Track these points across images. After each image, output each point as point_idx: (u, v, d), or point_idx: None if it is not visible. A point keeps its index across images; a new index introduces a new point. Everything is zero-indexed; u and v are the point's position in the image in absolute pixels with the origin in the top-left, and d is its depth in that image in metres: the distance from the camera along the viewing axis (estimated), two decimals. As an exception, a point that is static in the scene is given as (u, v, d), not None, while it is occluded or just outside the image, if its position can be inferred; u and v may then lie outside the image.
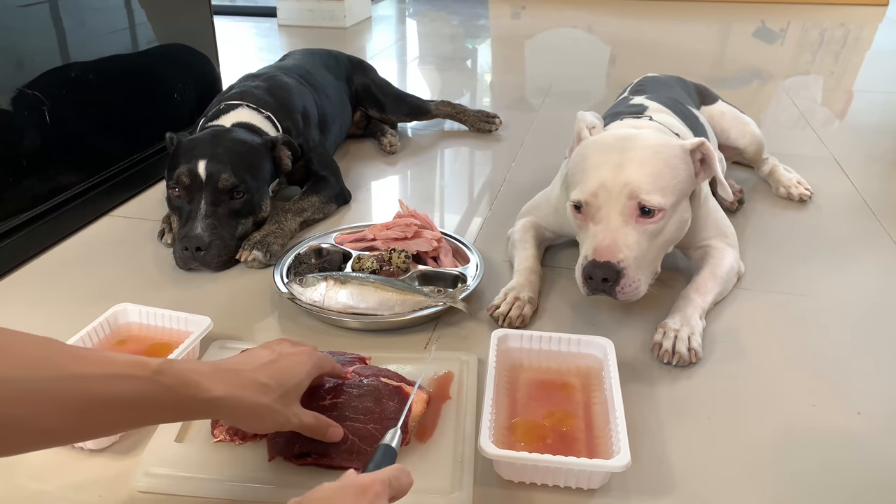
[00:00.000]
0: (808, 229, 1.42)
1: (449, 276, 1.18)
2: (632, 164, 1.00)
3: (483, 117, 2.00)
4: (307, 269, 1.19)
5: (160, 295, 1.18)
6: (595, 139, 1.09)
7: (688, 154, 1.04)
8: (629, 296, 0.99)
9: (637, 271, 0.99)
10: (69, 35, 1.38)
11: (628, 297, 1.00)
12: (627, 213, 1.00)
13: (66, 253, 1.34)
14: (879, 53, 3.12)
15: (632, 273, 0.98)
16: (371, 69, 2.00)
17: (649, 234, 1.01)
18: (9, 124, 1.26)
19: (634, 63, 2.89)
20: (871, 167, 1.75)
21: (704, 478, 0.82)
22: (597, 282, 0.99)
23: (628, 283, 0.98)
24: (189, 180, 1.26)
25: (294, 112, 1.54)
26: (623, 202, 0.99)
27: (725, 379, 0.98)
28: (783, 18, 3.86)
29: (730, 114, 1.56)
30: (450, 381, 0.94)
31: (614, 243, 0.98)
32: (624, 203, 0.99)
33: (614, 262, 0.97)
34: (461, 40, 3.40)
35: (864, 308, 1.15)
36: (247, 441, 0.83)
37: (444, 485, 0.78)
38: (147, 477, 0.79)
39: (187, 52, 1.80)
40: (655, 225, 1.00)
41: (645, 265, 1.01)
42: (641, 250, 1.00)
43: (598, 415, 0.86)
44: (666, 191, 1.00)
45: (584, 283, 1.01)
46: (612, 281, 0.98)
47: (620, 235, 0.99)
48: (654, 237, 1.01)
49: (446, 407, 0.90)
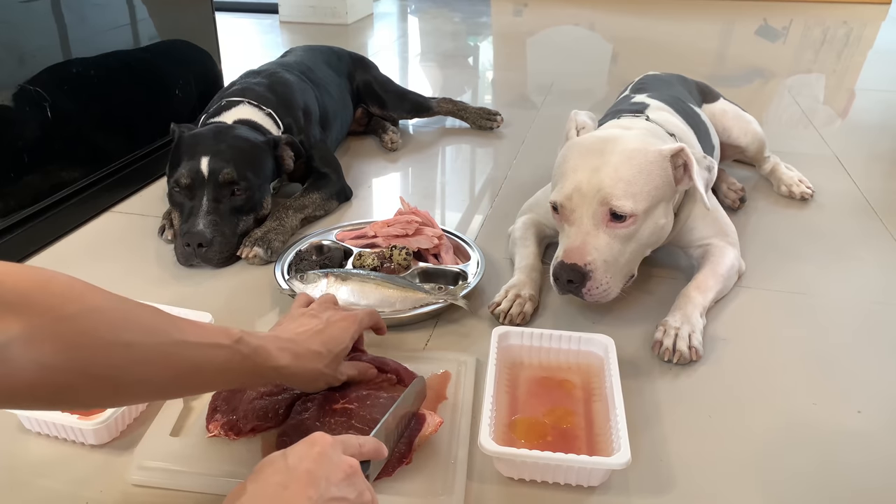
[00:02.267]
0: (809, 228, 1.42)
1: (450, 274, 1.18)
2: (606, 168, 1.01)
3: (484, 114, 1.99)
4: (308, 266, 1.19)
5: (161, 291, 1.19)
6: (577, 141, 1.10)
7: (666, 160, 1.04)
8: (597, 297, 1.01)
9: (605, 274, 1.00)
10: (71, 31, 1.38)
11: (596, 298, 1.01)
12: (599, 217, 1.01)
13: (67, 249, 1.34)
14: (882, 52, 3.11)
15: (599, 276, 1.00)
16: (372, 66, 1.99)
17: (620, 238, 1.01)
18: (10, 120, 1.26)
19: (636, 61, 2.88)
20: (873, 166, 1.75)
21: (704, 475, 0.82)
22: (563, 282, 1.01)
23: (595, 285, 1.00)
24: (191, 176, 1.26)
25: (295, 109, 1.54)
26: (595, 206, 1.00)
27: (726, 377, 0.98)
28: (785, 16, 3.85)
29: (731, 112, 1.56)
30: (447, 382, 0.94)
31: (584, 245, 1.00)
32: (596, 207, 1.00)
33: (581, 265, 0.99)
34: (463, 37, 3.39)
35: (866, 307, 1.15)
36: (241, 437, 0.83)
37: (434, 486, 0.77)
38: (141, 470, 0.79)
39: (189, 48, 1.80)
40: (626, 230, 1.01)
41: (616, 269, 1.02)
42: (612, 254, 1.01)
43: (599, 412, 0.86)
44: (638, 197, 1.00)
45: (553, 282, 1.04)
46: (577, 283, 1.00)
47: (591, 238, 1.01)
48: (626, 241, 1.02)
49: (442, 407, 0.89)
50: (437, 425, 0.81)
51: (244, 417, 0.83)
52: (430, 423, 0.80)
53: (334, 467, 0.59)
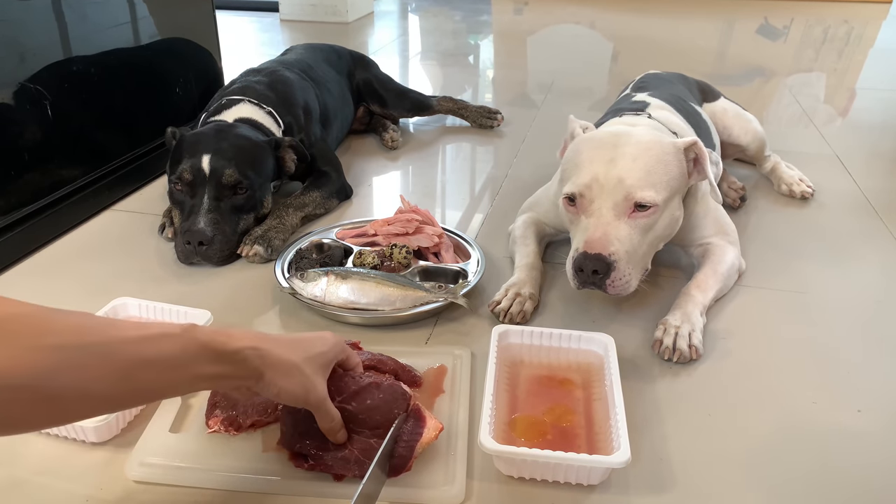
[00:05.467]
0: (809, 227, 1.42)
1: (450, 272, 1.18)
2: (624, 160, 1.01)
3: (485, 113, 1.99)
4: (308, 264, 1.19)
5: (161, 289, 1.19)
6: (588, 136, 1.10)
7: (681, 152, 1.05)
8: (619, 290, 1.00)
9: (627, 265, 0.99)
10: (71, 29, 1.38)
11: (618, 291, 1.00)
12: (620, 207, 1.00)
13: (67, 247, 1.34)
14: (883, 51, 3.11)
15: (622, 267, 0.99)
16: (373, 64, 1.99)
17: (641, 228, 1.01)
18: (10, 118, 1.26)
19: (637, 59, 2.88)
20: (874, 165, 1.74)
21: (704, 474, 0.82)
22: (587, 274, 0.99)
23: (619, 276, 0.99)
24: (193, 175, 1.26)
25: (295, 107, 1.54)
26: (615, 196, 1.00)
27: (726, 376, 0.98)
28: (786, 15, 3.85)
29: (732, 111, 1.56)
30: (443, 375, 0.94)
31: (606, 236, 0.99)
32: (616, 197, 1.00)
33: (605, 255, 0.98)
34: (463, 36, 3.39)
35: (866, 306, 1.15)
36: (241, 432, 0.83)
37: (435, 478, 0.78)
38: (141, 467, 0.80)
39: (189, 46, 1.80)
40: (647, 220, 1.01)
41: (636, 260, 1.01)
42: (633, 244, 1.00)
43: (599, 411, 0.86)
44: (658, 186, 1.00)
45: (574, 275, 1.02)
46: (602, 273, 0.98)
47: (612, 229, 0.99)
48: (646, 232, 1.02)
49: (440, 401, 0.90)
50: (437, 432, 0.81)
51: (244, 413, 0.83)
52: (430, 427, 0.80)
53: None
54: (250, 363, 0.66)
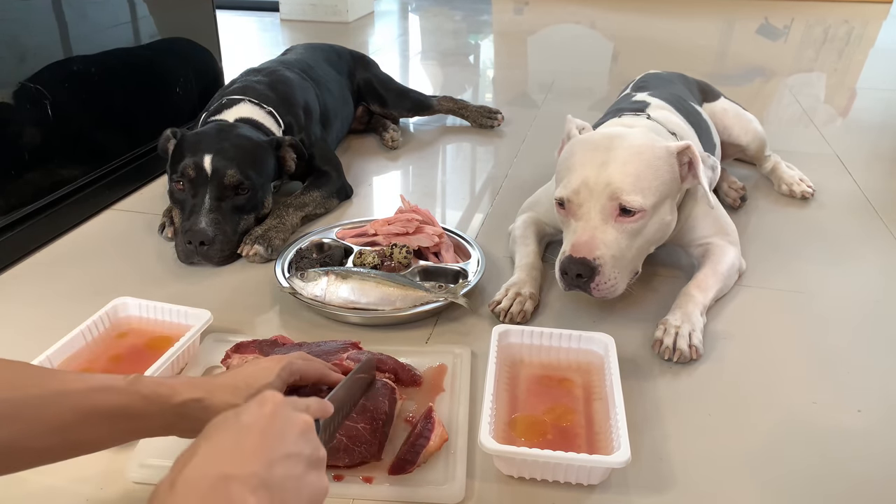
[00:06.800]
0: (809, 227, 1.42)
1: (450, 272, 1.18)
2: (615, 164, 1.01)
3: (485, 113, 1.99)
4: (308, 264, 1.19)
5: (161, 289, 1.19)
6: (583, 137, 1.10)
7: (673, 156, 1.04)
8: (604, 293, 1.01)
9: (613, 269, 1.00)
10: (71, 29, 1.38)
11: (603, 294, 1.01)
12: (607, 211, 1.01)
13: (67, 246, 1.34)
14: (883, 51, 3.11)
15: (607, 271, 0.99)
16: (373, 64, 1.99)
17: (628, 233, 1.01)
18: (11, 118, 1.26)
19: (637, 59, 2.88)
20: (874, 165, 1.74)
21: (704, 474, 0.82)
22: (571, 277, 1.00)
23: (603, 280, 0.99)
24: (194, 174, 1.26)
25: (296, 107, 1.54)
26: (603, 201, 1.00)
27: (726, 376, 0.98)
28: (786, 15, 3.85)
29: (732, 111, 1.56)
30: (443, 374, 0.95)
31: (592, 240, 1.00)
32: (604, 202, 1.00)
33: (590, 259, 0.99)
34: (464, 36, 3.39)
35: (866, 305, 1.15)
36: None
37: (435, 477, 0.78)
38: (142, 468, 0.80)
39: (189, 46, 1.80)
40: (635, 225, 1.01)
41: (623, 265, 1.02)
42: (620, 249, 1.01)
43: (599, 411, 0.86)
44: (647, 192, 1.00)
45: (560, 277, 1.03)
46: (586, 277, 0.99)
47: (599, 233, 1.00)
48: (634, 237, 1.02)
49: (440, 399, 0.90)
50: (442, 441, 0.81)
51: None
52: (437, 434, 0.81)
53: (289, 423, 0.56)
54: (193, 416, 0.67)
